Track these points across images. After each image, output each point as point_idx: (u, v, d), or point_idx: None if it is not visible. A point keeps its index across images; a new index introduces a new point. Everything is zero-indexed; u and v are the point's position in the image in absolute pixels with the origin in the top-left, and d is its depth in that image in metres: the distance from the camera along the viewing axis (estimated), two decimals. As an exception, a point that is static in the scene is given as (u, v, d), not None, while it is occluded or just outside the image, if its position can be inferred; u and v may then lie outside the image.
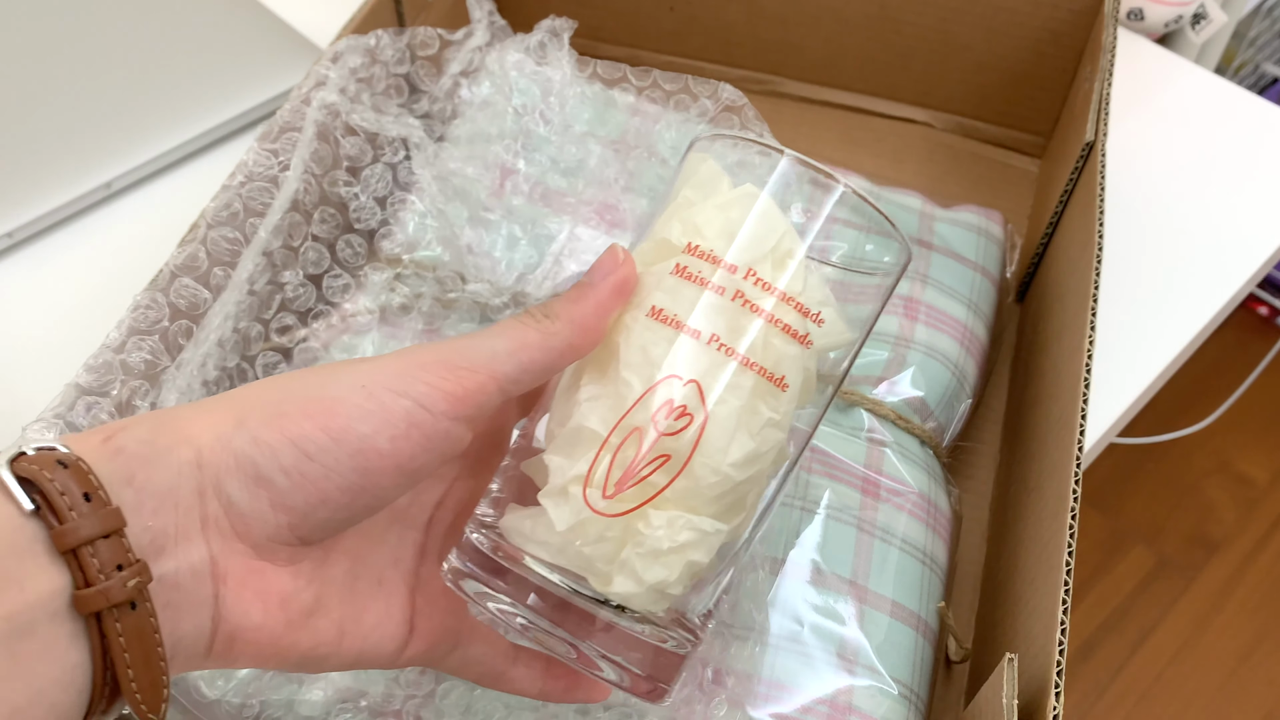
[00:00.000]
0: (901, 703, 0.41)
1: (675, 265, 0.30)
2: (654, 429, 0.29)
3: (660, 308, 0.30)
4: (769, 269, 0.30)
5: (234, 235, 0.45)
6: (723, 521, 0.30)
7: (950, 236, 0.55)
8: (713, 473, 0.29)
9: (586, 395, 0.30)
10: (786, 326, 0.30)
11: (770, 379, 0.29)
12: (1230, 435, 1.42)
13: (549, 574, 0.29)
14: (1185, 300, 0.60)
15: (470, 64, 0.53)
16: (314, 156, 0.48)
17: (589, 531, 0.29)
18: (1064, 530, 0.35)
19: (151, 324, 0.41)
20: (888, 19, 0.63)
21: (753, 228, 0.30)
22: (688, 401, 0.29)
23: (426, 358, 0.29)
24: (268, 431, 0.27)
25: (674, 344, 0.29)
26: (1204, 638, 1.30)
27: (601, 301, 0.30)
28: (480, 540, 0.31)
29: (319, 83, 0.49)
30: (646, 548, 0.29)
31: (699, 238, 0.30)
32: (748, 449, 0.29)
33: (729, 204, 0.30)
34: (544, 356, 0.30)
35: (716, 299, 0.29)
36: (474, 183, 0.50)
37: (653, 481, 0.29)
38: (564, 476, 0.29)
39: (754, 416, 0.29)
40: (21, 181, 0.60)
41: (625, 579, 0.29)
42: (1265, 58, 1.34)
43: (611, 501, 0.29)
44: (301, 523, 0.28)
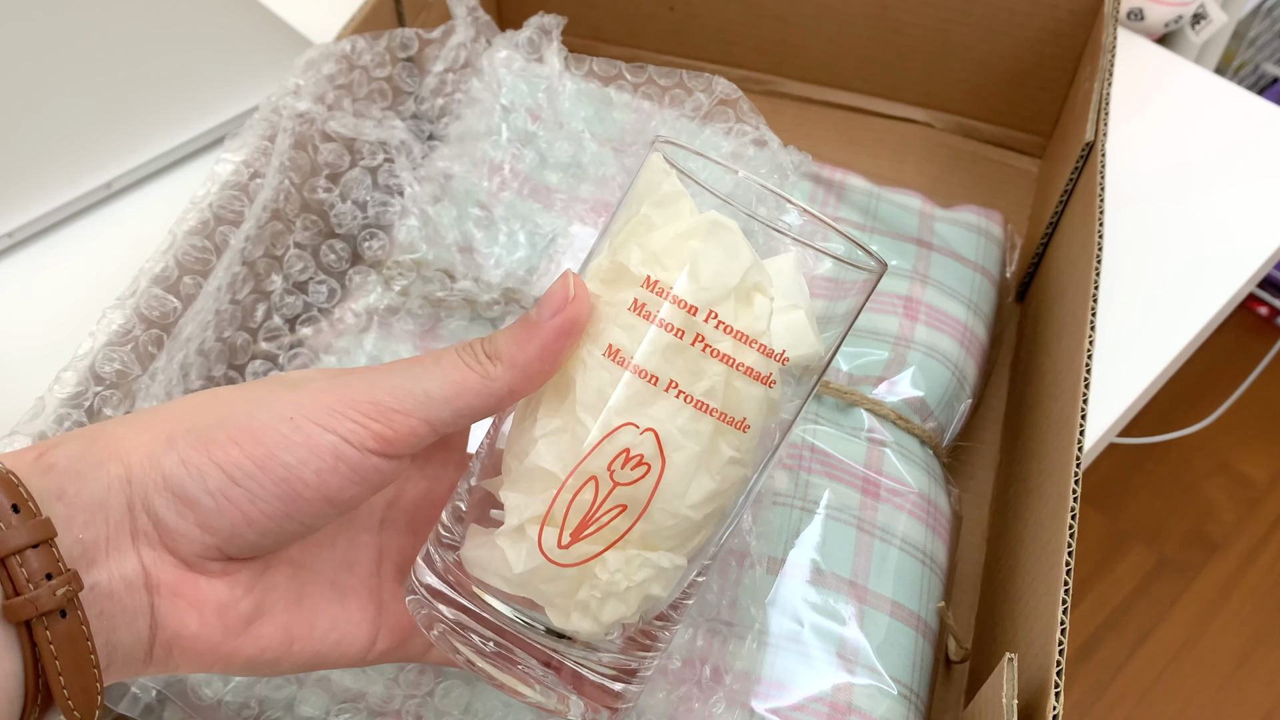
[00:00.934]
0: (901, 702, 0.41)
1: (633, 300, 0.29)
2: (610, 479, 0.28)
3: (617, 347, 0.29)
4: (731, 308, 0.29)
5: (204, 244, 0.45)
6: (680, 554, 0.30)
7: (950, 236, 0.55)
8: (670, 516, 0.29)
9: (542, 431, 0.29)
10: (749, 370, 0.29)
11: (730, 422, 0.29)
12: (1230, 435, 1.42)
13: (503, 607, 0.29)
14: (1185, 300, 0.60)
15: (455, 61, 0.53)
16: (292, 165, 0.47)
17: (545, 573, 0.29)
18: (1064, 530, 0.35)
19: (124, 335, 0.41)
20: (888, 19, 0.63)
21: (715, 263, 0.29)
22: (644, 450, 0.28)
23: (358, 394, 0.28)
24: (195, 454, 0.28)
25: (630, 388, 0.28)
26: (1204, 638, 1.30)
27: (547, 343, 0.29)
28: (437, 560, 0.31)
29: (289, 91, 0.49)
30: (603, 590, 0.29)
31: (658, 269, 0.29)
32: (707, 490, 0.29)
33: (691, 233, 0.29)
34: (483, 402, 0.29)
35: (674, 342, 0.28)
36: (462, 181, 0.50)
37: (612, 527, 0.28)
38: (520, 516, 0.29)
39: (714, 457, 0.29)
40: (22, 181, 0.60)
41: (581, 616, 0.29)
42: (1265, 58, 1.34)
43: (567, 551, 0.28)
44: (228, 543, 0.28)
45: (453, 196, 0.50)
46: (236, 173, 0.46)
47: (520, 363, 0.29)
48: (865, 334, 0.50)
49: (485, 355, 0.29)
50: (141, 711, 0.39)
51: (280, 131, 0.47)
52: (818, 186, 0.56)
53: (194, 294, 0.44)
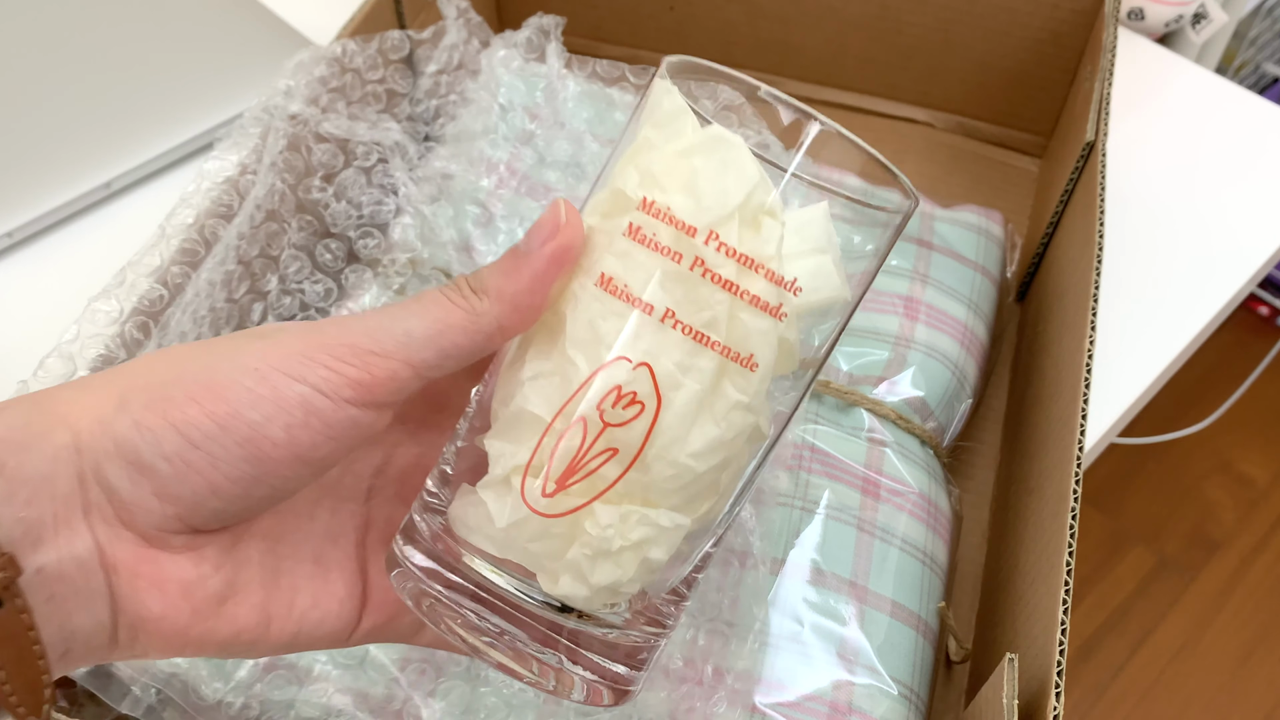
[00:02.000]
0: (901, 703, 0.41)
1: (628, 224, 0.26)
2: (600, 420, 0.25)
3: (610, 276, 0.26)
4: (735, 230, 0.26)
5: (194, 237, 0.45)
6: (685, 513, 0.27)
7: (951, 236, 0.55)
8: (669, 465, 0.26)
9: (530, 373, 0.26)
10: (755, 298, 0.26)
11: (736, 359, 0.26)
12: (1231, 435, 1.42)
13: (492, 575, 0.27)
14: (1185, 300, 0.60)
15: (449, 63, 0.53)
16: (286, 166, 0.48)
17: (531, 528, 0.26)
18: (1064, 530, 0.35)
19: (110, 323, 0.41)
20: (888, 18, 0.63)
21: (717, 179, 0.26)
22: (638, 387, 0.25)
23: (330, 338, 0.26)
24: (150, 415, 0.25)
25: (624, 320, 0.26)
26: (1204, 638, 1.30)
27: (538, 274, 0.26)
28: (423, 526, 0.28)
29: (279, 92, 0.49)
30: (594, 547, 0.26)
31: (656, 190, 0.26)
32: (711, 436, 0.26)
33: (692, 150, 0.26)
34: (469, 340, 0.26)
35: (672, 267, 0.25)
36: (460, 180, 0.50)
37: (601, 475, 0.26)
38: (505, 466, 0.26)
39: (718, 400, 0.26)
40: (21, 181, 0.60)
41: (572, 580, 0.26)
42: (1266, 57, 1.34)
43: (552, 500, 0.26)
44: (191, 513, 0.26)
45: (450, 196, 0.50)
46: (226, 169, 0.46)
47: (509, 295, 0.26)
48: (865, 334, 0.50)
49: (471, 290, 0.27)
50: (144, 712, 0.39)
51: (271, 132, 0.48)
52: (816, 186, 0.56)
53: (182, 284, 0.44)
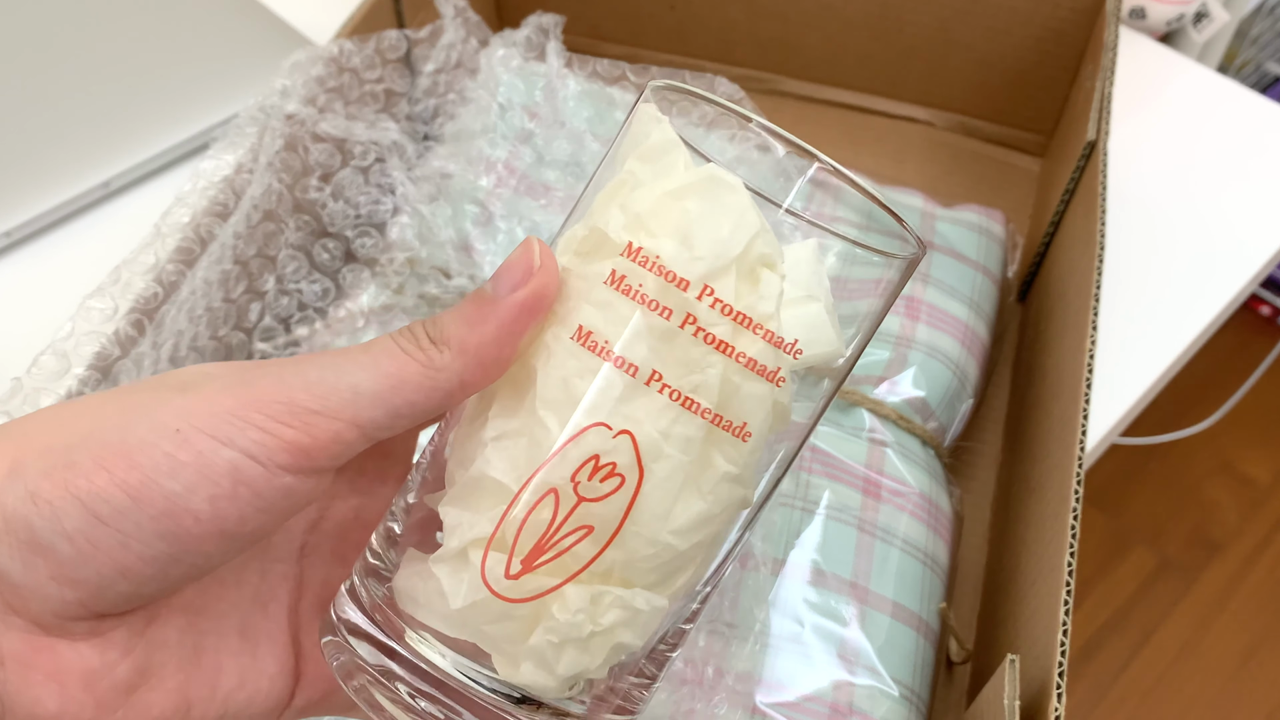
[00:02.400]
0: (902, 704, 0.41)
1: (610, 272, 0.23)
2: (574, 493, 0.23)
3: (588, 329, 0.23)
4: (731, 284, 0.23)
5: (191, 235, 0.45)
6: (661, 591, 0.24)
7: (952, 236, 0.54)
8: (649, 544, 0.23)
9: (494, 432, 0.24)
10: (751, 361, 0.23)
11: (727, 427, 0.23)
12: (1232, 435, 1.42)
13: (437, 657, 0.24)
14: (1187, 300, 0.60)
15: (446, 62, 0.53)
16: (283, 166, 0.48)
17: (491, 611, 0.23)
18: (1065, 530, 0.35)
19: (105, 320, 0.41)
20: (889, 17, 0.62)
21: (713, 226, 0.23)
22: (618, 458, 0.23)
23: (265, 393, 0.22)
24: (48, 485, 0.21)
25: (603, 380, 0.23)
26: (1206, 638, 1.29)
27: (506, 324, 0.23)
28: (362, 593, 0.25)
29: (275, 92, 0.49)
30: (561, 634, 0.23)
31: (643, 235, 0.23)
32: (696, 512, 0.23)
33: (684, 191, 0.23)
34: (425, 398, 0.23)
35: (659, 323, 0.23)
36: (459, 179, 0.50)
37: (574, 554, 0.23)
38: (462, 538, 0.23)
39: (705, 471, 0.23)
40: (20, 180, 0.60)
41: (534, 667, 0.23)
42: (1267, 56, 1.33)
43: (516, 582, 0.23)
44: (95, 598, 0.22)
45: (449, 195, 0.50)
46: (222, 168, 0.46)
47: (472, 348, 0.23)
48: (866, 333, 0.50)
49: (429, 339, 0.23)
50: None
51: (268, 132, 0.47)
52: (816, 186, 0.56)
53: (177, 282, 0.44)
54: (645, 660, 0.26)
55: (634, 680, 0.26)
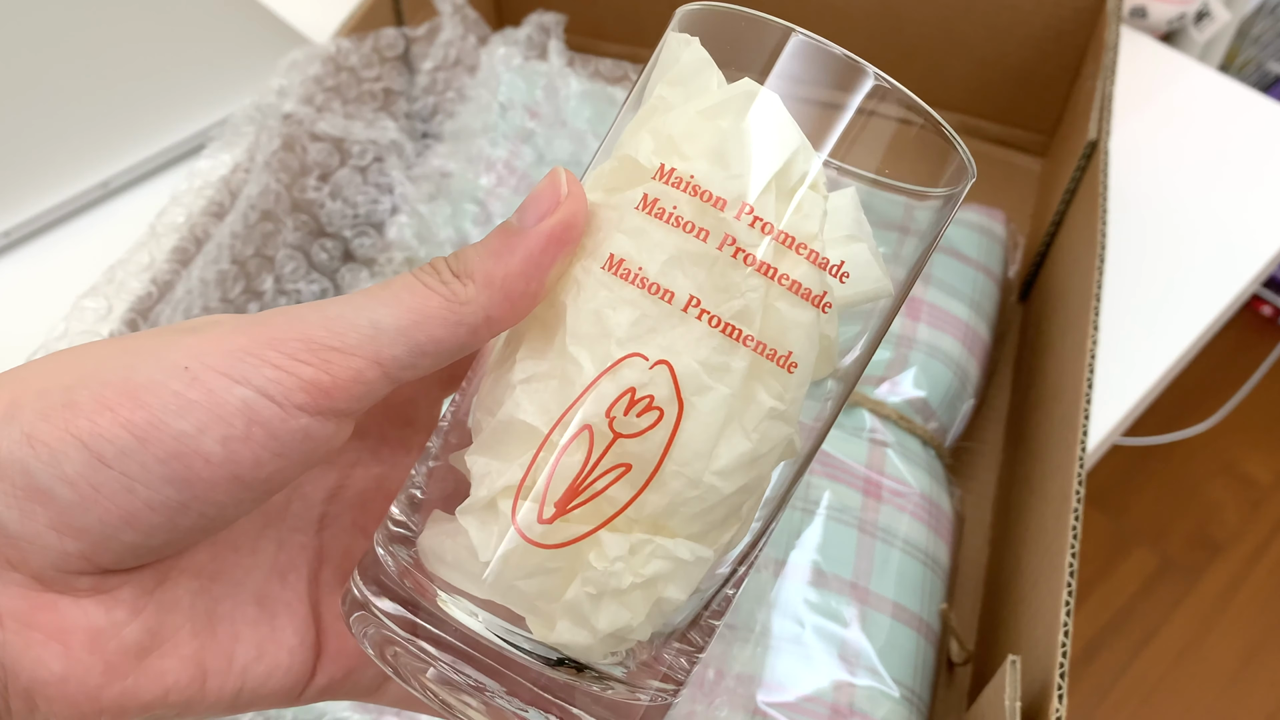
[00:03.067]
0: (903, 705, 0.41)
1: (642, 197, 0.22)
2: (609, 430, 0.21)
3: (620, 257, 0.22)
4: (771, 202, 0.21)
5: (186, 234, 0.45)
6: (706, 543, 0.23)
7: (952, 235, 0.54)
8: (691, 485, 0.22)
9: (522, 375, 0.22)
10: (796, 284, 0.22)
11: (772, 357, 0.22)
12: (1234, 436, 1.41)
13: (469, 620, 0.22)
14: (1189, 300, 0.60)
15: (445, 59, 0.53)
16: (281, 166, 0.47)
17: (524, 563, 0.22)
18: (1067, 531, 0.35)
19: (99, 320, 0.41)
20: (890, 16, 0.62)
21: (751, 143, 0.22)
22: (656, 390, 0.21)
23: (280, 330, 0.21)
24: (47, 426, 0.20)
25: (638, 309, 0.21)
26: (1208, 639, 1.29)
27: (534, 255, 0.22)
28: (387, 561, 0.24)
29: (272, 92, 0.49)
30: (599, 585, 0.22)
31: (675, 157, 0.22)
32: (740, 451, 0.22)
33: (718, 109, 0.22)
34: (450, 334, 0.22)
35: (697, 246, 0.21)
36: (459, 178, 0.50)
37: (609, 497, 0.21)
38: (491, 487, 0.22)
39: (750, 407, 0.22)
40: (19, 180, 0.60)
41: (571, 625, 0.22)
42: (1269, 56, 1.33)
43: (550, 527, 0.21)
44: (99, 549, 0.21)
45: (448, 194, 0.50)
46: (218, 168, 0.46)
47: (498, 280, 0.22)
48: (867, 333, 0.49)
49: (452, 273, 0.22)
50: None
51: (264, 131, 0.47)
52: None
53: (172, 281, 0.44)
54: (691, 629, 0.24)
55: (679, 647, 0.24)
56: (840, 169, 0.23)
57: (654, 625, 0.23)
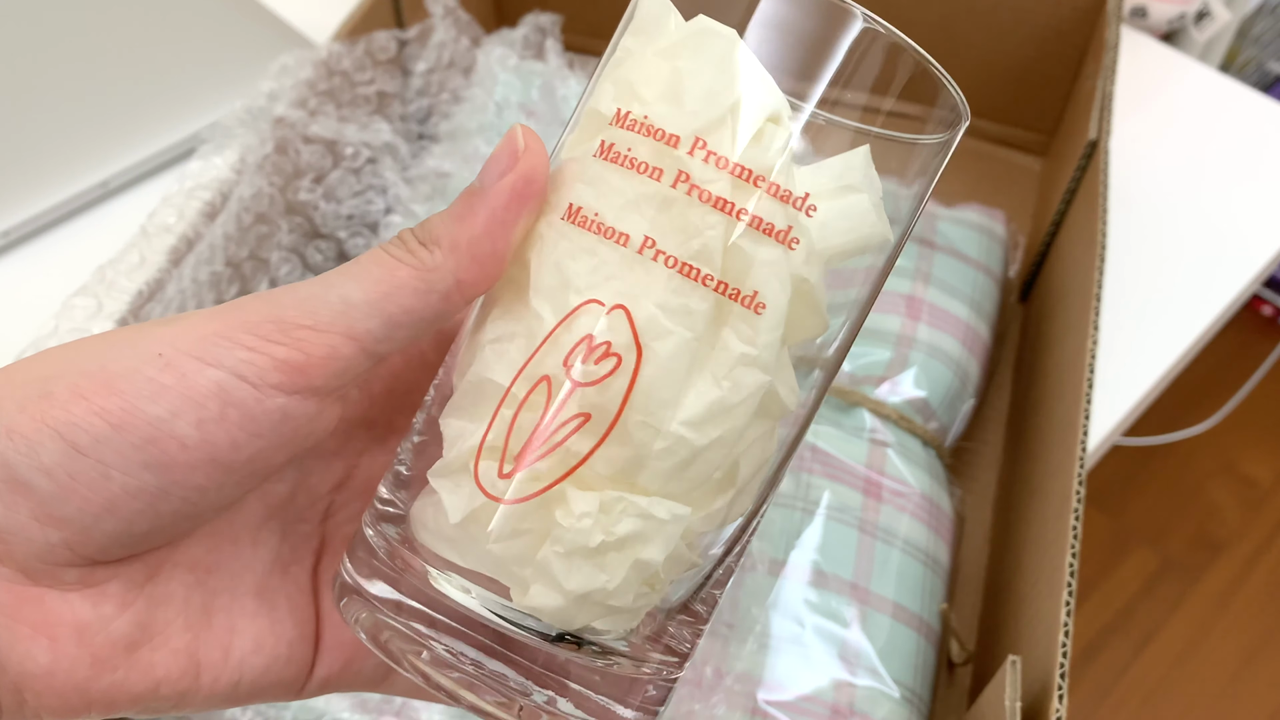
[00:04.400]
0: (903, 705, 0.40)
1: (600, 143, 0.21)
2: (567, 377, 0.21)
3: (579, 206, 0.21)
4: (728, 137, 0.21)
5: (179, 233, 0.45)
6: (689, 504, 0.22)
7: (953, 235, 0.54)
8: (657, 435, 0.21)
9: (492, 334, 0.22)
10: (756, 219, 0.21)
11: (736, 297, 0.21)
12: (1234, 436, 1.41)
13: (460, 595, 0.22)
14: (1189, 300, 0.60)
15: (439, 61, 0.53)
16: (274, 169, 0.47)
17: (494, 524, 0.21)
18: (1067, 531, 0.35)
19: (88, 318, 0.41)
20: (889, 16, 0.62)
21: (705, 78, 0.21)
22: (613, 336, 0.20)
23: (253, 313, 0.21)
24: (23, 418, 0.20)
25: (594, 256, 0.21)
26: (1208, 639, 1.29)
27: (496, 213, 0.21)
28: (376, 541, 0.23)
29: (263, 95, 0.49)
30: (568, 543, 0.21)
31: (632, 101, 0.21)
32: (710, 399, 0.21)
33: (674, 49, 0.21)
34: (421, 302, 0.22)
35: (652, 187, 0.21)
36: (456, 178, 0.50)
37: (570, 448, 0.21)
38: (462, 447, 0.22)
39: (718, 353, 0.21)
40: (18, 180, 0.60)
41: (543, 588, 0.21)
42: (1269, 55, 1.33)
43: (511, 481, 0.21)
44: (82, 538, 0.21)
45: (445, 194, 0.50)
46: (208, 170, 0.46)
47: (464, 243, 0.22)
48: (867, 333, 0.49)
49: (418, 242, 0.22)
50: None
51: (256, 134, 0.48)
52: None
53: (163, 279, 0.44)
54: (694, 601, 0.24)
55: (682, 619, 0.24)
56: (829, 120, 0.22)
57: (636, 592, 0.22)
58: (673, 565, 0.22)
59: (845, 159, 0.22)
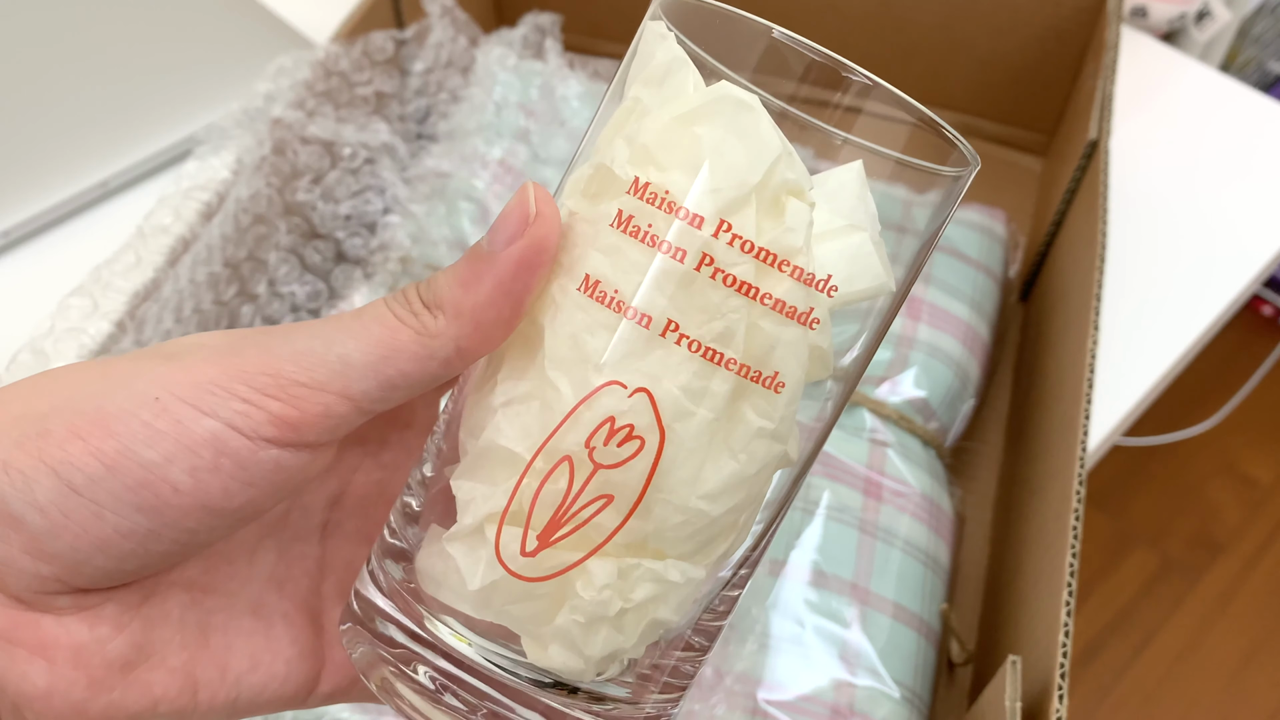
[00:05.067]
0: (903, 705, 0.40)
1: (617, 213, 0.21)
2: (589, 460, 0.21)
3: (596, 279, 0.21)
4: (752, 217, 0.21)
5: (175, 233, 0.45)
6: (697, 561, 0.22)
7: (953, 235, 0.54)
8: (677, 511, 0.21)
9: (503, 398, 0.22)
10: (779, 303, 0.21)
11: (757, 379, 0.21)
12: (1235, 436, 1.41)
13: (456, 642, 0.22)
14: (1189, 300, 0.60)
15: (437, 61, 0.53)
16: (272, 170, 0.48)
17: (512, 591, 0.21)
18: (1067, 531, 0.35)
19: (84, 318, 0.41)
20: (890, 16, 0.62)
21: (728, 153, 0.21)
22: (635, 419, 0.21)
23: (250, 363, 0.21)
24: (20, 454, 0.20)
25: (615, 334, 0.21)
26: (1208, 639, 1.29)
27: (504, 282, 0.21)
28: (380, 576, 0.23)
29: (259, 96, 0.49)
30: (588, 613, 0.21)
31: (650, 168, 0.21)
32: (728, 473, 0.21)
33: (694, 114, 0.21)
34: (420, 368, 0.21)
35: (674, 267, 0.20)
36: (453, 177, 0.50)
37: (595, 525, 0.21)
38: (476, 514, 0.22)
39: (735, 428, 0.21)
40: (18, 180, 0.59)
41: (563, 650, 0.21)
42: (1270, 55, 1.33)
43: (534, 560, 0.21)
44: (72, 573, 0.21)
45: (444, 194, 0.50)
46: (205, 170, 0.47)
47: (468, 310, 0.21)
48: (867, 333, 0.49)
49: (422, 304, 0.22)
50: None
51: (253, 135, 0.48)
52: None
53: (159, 279, 0.44)
54: (692, 633, 0.24)
55: (681, 655, 0.24)
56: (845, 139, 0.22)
57: (647, 643, 0.22)
58: (684, 617, 0.23)
59: (835, 175, 0.22)
